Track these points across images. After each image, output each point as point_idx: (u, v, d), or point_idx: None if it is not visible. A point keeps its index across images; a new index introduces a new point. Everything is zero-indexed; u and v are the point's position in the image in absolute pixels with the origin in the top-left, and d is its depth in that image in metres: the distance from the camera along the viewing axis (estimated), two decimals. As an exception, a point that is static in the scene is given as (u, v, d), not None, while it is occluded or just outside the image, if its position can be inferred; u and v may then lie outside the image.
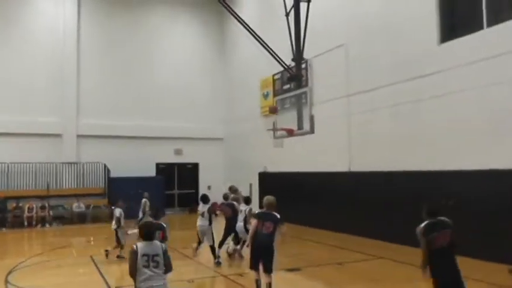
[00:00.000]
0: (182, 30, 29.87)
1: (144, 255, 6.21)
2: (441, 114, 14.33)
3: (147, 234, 6.46)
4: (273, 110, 15.81)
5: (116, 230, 13.84)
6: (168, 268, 6.37)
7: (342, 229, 17.41)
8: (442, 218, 7.18)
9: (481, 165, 12.71)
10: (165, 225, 9.76)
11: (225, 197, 14.61)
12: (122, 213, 13.96)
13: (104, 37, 27.48)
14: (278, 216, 9.22)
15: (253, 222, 9.50)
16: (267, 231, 9.10)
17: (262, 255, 9.17)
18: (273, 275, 9.06)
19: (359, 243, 15.53)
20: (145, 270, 6.17)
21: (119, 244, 13.75)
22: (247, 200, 14.21)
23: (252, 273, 9.51)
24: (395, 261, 12.92)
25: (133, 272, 6.22)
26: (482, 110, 13.00)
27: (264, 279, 9.20)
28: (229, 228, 13.71)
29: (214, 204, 14.10)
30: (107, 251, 13.73)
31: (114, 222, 14.04)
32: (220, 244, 13.32)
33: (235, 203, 14.10)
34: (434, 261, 6.92)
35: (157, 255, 6.28)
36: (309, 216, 19.15)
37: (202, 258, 13.56)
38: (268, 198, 9.51)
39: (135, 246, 6.29)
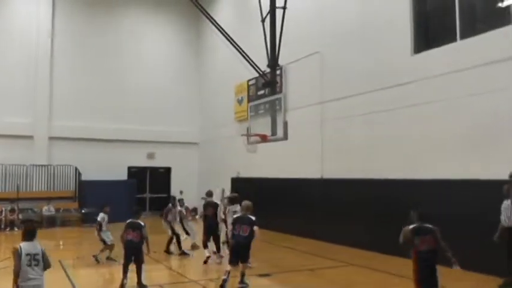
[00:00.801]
0: (157, 33, 29.67)
1: (27, 254, 6.58)
2: (414, 124, 14.47)
3: (28, 233, 6.85)
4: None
5: (98, 234, 13.73)
6: (46, 265, 6.82)
7: (313, 235, 17.44)
8: (427, 224, 8.20)
9: (454, 174, 12.87)
10: (143, 224, 10.52)
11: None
12: (106, 217, 13.89)
13: (78, 39, 27.12)
14: (253, 218, 10.54)
15: (231, 226, 10.88)
16: (244, 234, 10.37)
17: (241, 254, 10.43)
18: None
19: (331, 249, 15.58)
20: (28, 269, 6.55)
21: (107, 246, 13.64)
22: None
23: (229, 267, 10.49)
24: (366, 267, 12.99)
25: (17, 271, 6.52)
26: (456, 120, 13.16)
27: (240, 268, 10.52)
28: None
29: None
30: (94, 256, 13.56)
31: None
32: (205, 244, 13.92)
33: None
34: (419, 259, 8.06)
35: (37, 254, 6.68)
36: (281, 222, 19.14)
37: (174, 264, 13.48)
38: (246, 202, 11.00)
39: (18, 246, 6.60)
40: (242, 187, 23.68)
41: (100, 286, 10.73)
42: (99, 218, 13.93)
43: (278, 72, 18.82)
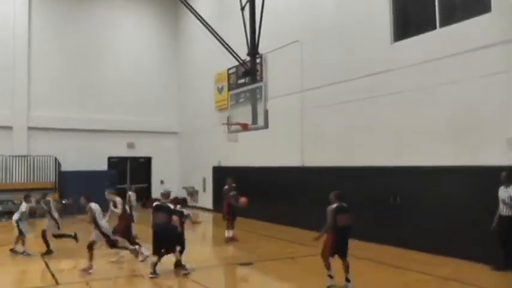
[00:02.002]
0: (135, 22, 29.40)
1: None
2: (394, 112, 14.57)
3: None
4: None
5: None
6: None
7: (294, 223, 17.52)
8: (344, 204, 9.76)
9: (431, 161, 13.03)
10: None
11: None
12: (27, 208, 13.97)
13: (56, 28, 26.78)
14: (172, 207, 10.79)
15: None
16: (160, 221, 10.69)
17: (164, 243, 10.66)
18: (224, 268, 9.14)
19: (311, 237, 15.61)
20: None
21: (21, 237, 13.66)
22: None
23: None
24: (346, 255, 13.11)
25: None
26: (434, 108, 13.27)
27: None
28: None
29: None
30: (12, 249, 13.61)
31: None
32: None
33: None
34: (337, 233, 9.50)
35: None
36: (262, 211, 19.19)
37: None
38: (165, 189, 11.51)
39: None
40: (223, 176, 23.74)
41: (81, 277, 10.68)
42: (23, 209, 13.88)
43: (258, 60, 18.81)
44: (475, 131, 12.11)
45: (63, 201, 23.49)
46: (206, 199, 25.96)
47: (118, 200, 13.38)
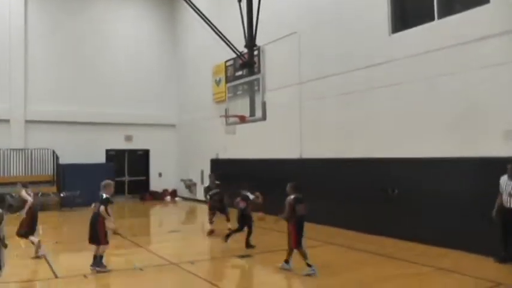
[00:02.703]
0: (132, 14, 29.24)
1: None
2: (391, 104, 14.58)
3: None
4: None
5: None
6: None
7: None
8: (300, 195, 10.65)
9: (429, 153, 13.04)
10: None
11: None
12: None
13: (53, 21, 26.66)
14: (104, 196, 10.63)
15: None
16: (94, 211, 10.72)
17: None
18: (222, 260, 9.10)
19: (309, 229, 15.43)
20: None
21: None
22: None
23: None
24: (344, 246, 13.15)
25: None
26: (432, 100, 13.27)
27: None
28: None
29: None
30: None
31: None
32: None
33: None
34: (297, 223, 10.45)
35: None
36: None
37: (152, 248, 13.47)
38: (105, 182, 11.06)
39: None
40: (221, 168, 23.71)
41: (80, 270, 10.66)
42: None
43: (256, 52, 18.72)
44: (475, 122, 12.11)
45: (61, 194, 23.55)
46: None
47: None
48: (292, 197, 10.55)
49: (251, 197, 13.30)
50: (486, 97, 11.89)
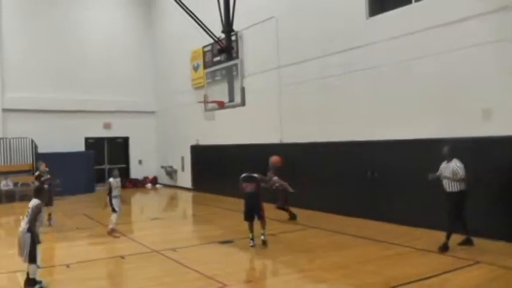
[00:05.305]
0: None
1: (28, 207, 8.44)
2: (370, 87, 14.65)
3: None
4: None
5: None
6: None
7: (273, 200, 17.55)
8: (255, 174, 12.07)
9: (407, 135, 13.16)
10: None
11: None
12: None
13: (27, 7, 26.12)
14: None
15: None
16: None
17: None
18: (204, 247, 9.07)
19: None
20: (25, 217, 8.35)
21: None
22: None
23: None
24: (325, 230, 13.25)
25: None
26: (410, 82, 13.38)
27: None
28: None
29: None
30: None
31: None
32: None
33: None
34: (246, 198, 11.96)
35: (29, 208, 8.38)
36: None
37: (135, 236, 13.47)
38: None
39: None
40: (201, 154, 23.72)
41: (62, 259, 10.63)
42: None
43: (234, 38, 18.66)
44: (453, 104, 12.25)
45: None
46: (185, 178, 25.91)
47: None
48: (242, 176, 12.13)
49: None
50: (464, 78, 12.01)
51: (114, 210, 13.39)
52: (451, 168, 10.37)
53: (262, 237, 11.55)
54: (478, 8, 11.64)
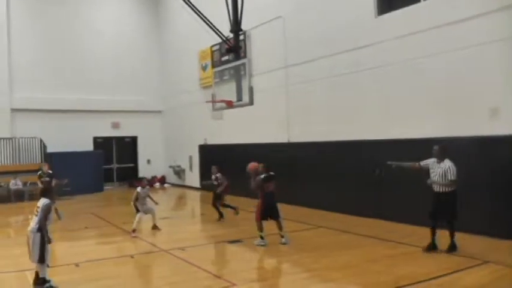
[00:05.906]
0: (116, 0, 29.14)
1: (37, 206, 8.48)
2: (378, 86, 14.63)
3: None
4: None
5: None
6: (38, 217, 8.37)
7: (281, 200, 17.51)
8: (272, 173, 11.84)
9: (415, 134, 13.11)
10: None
11: None
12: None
13: (36, 7, 26.31)
14: None
15: None
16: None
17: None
18: (212, 246, 9.09)
19: (299, 213, 15.76)
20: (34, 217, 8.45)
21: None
22: None
23: None
24: (335, 229, 13.25)
25: None
26: (419, 81, 13.36)
27: None
28: None
29: None
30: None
31: None
32: None
33: None
34: (266, 198, 11.64)
35: (38, 207, 8.44)
36: (248, 188, 19.19)
37: (143, 235, 13.50)
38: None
39: None
40: (210, 154, 23.73)
41: (71, 259, 10.69)
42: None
43: (242, 37, 18.66)
44: (461, 103, 12.24)
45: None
46: (193, 178, 25.96)
47: None
48: (262, 176, 11.66)
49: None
50: (472, 77, 11.98)
51: (137, 210, 13.62)
52: (443, 169, 10.20)
53: (283, 239, 11.66)
54: (485, 6, 11.62)
